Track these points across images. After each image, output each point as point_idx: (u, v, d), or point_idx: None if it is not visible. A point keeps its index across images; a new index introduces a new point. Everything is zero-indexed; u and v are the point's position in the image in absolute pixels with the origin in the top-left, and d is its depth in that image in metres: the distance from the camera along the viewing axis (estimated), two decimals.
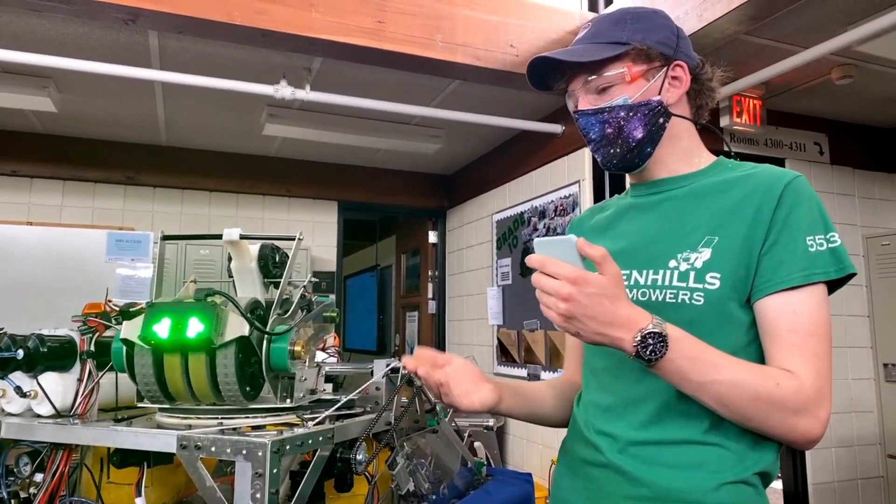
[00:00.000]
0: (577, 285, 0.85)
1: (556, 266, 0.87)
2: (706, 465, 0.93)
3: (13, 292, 3.14)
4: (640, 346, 0.85)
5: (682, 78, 1.05)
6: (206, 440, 1.09)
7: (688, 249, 0.99)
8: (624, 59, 1.02)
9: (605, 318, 0.85)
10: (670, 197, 1.07)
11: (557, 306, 0.86)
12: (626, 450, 0.99)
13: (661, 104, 1.04)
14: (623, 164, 1.08)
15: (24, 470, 1.26)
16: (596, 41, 1.04)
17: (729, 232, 0.97)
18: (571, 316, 0.86)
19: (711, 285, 0.95)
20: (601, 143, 1.07)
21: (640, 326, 0.86)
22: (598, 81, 1.04)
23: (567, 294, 0.85)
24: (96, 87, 3.34)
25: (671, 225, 1.04)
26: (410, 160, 4.80)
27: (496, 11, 2.94)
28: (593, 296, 0.85)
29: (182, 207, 4.53)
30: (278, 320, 1.28)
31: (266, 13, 2.50)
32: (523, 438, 3.87)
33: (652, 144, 1.05)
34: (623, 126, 1.04)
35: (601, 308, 0.85)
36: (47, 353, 1.26)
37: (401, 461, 1.36)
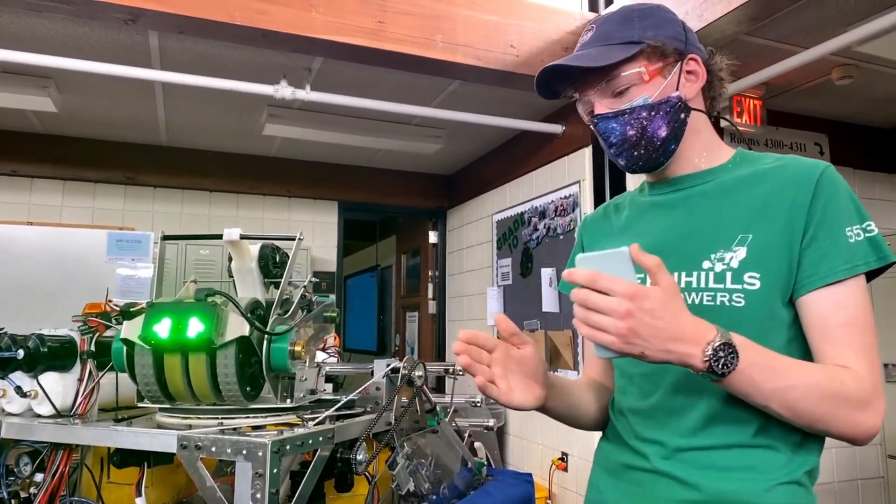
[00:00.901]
0: (636, 301, 0.78)
1: (610, 282, 0.79)
2: (757, 467, 0.92)
3: (13, 292, 3.14)
4: (713, 361, 0.79)
5: (697, 71, 1.03)
6: (206, 440, 1.09)
7: (721, 249, 0.95)
8: (639, 59, 0.99)
9: (669, 334, 0.79)
10: (695, 193, 1.04)
11: (616, 326, 0.78)
12: (674, 455, 0.97)
13: (681, 99, 1.01)
14: (649, 164, 1.04)
15: (25, 470, 1.26)
16: (608, 43, 1.01)
17: (764, 228, 0.94)
18: (634, 335, 0.78)
19: (751, 286, 0.92)
20: (624, 146, 1.03)
21: (709, 339, 0.80)
22: (615, 84, 1.00)
23: (626, 311, 0.77)
24: (97, 87, 3.34)
25: (700, 223, 1.01)
26: (411, 160, 4.80)
27: (496, 11, 2.94)
28: (655, 311, 0.79)
29: (182, 207, 4.53)
30: (278, 320, 1.28)
31: (266, 13, 2.50)
32: (523, 439, 3.87)
33: (676, 141, 1.02)
34: (646, 126, 1.00)
35: (664, 323, 0.79)
36: (48, 353, 1.26)
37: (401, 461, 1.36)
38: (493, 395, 0.94)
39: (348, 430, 1.28)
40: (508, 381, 0.95)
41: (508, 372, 0.95)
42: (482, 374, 0.93)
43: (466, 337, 0.94)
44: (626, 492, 1.03)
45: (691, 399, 0.96)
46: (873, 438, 0.89)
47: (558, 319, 3.52)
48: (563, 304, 3.49)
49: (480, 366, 0.93)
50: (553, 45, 3.03)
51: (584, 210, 3.35)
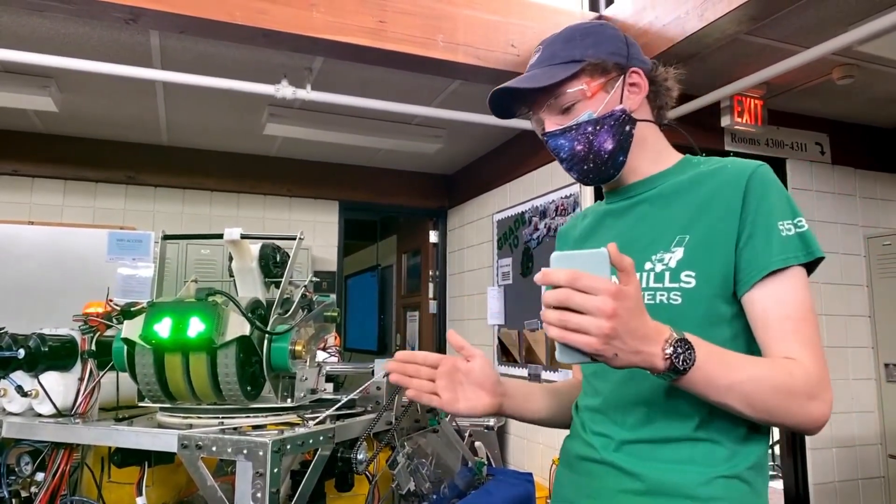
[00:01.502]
0: (619, 299, 0.76)
1: (593, 280, 0.76)
2: (698, 460, 0.94)
3: (14, 292, 3.14)
4: (674, 357, 0.80)
5: (639, 84, 1.07)
6: (206, 440, 1.09)
7: (661, 250, 1.00)
8: (581, 76, 1.04)
9: (641, 333, 0.79)
10: (641, 200, 1.09)
11: (600, 327, 0.75)
12: (620, 448, 1.01)
13: (625, 112, 1.05)
14: (599, 176, 1.09)
15: (26, 469, 1.26)
16: (551, 63, 1.06)
17: (700, 228, 0.98)
18: (615, 336, 0.77)
19: (687, 284, 0.96)
20: (573, 160, 1.08)
21: (665, 336, 0.81)
22: (560, 101, 1.05)
23: (612, 310, 0.75)
24: (98, 86, 3.34)
25: (644, 228, 1.06)
26: (411, 160, 4.80)
27: (497, 11, 2.94)
28: (633, 311, 0.78)
29: (183, 207, 4.53)
30: (279, 320, 1.28)
31: (267, 13, 2.50)
32: (524, 438, 3.87)
33: (623, 153, 1.07)
34: (592, 140, 1.05)
35: (637, 323, 0.79)
36: (48, 352, 1.26)
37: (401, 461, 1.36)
38: (435, 405, 1.02)
39: (349, 429, 1.28)
40: (455, 392, 1.03)
41: (455, 383, 1.03)
42: (414, 387, 1.02)
43: (401, 357, 1.05)
44: (578, 482, 1.08)
45: (636, 394, 1.00)
46: (822, 427, 0.91)
47: None
48: None
49: (412, 379, 1.03)
50: None
51: (584, 209, 3.34)
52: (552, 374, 3.54)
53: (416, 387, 1.02)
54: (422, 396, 1.02)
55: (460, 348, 1.05)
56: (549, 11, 3.06)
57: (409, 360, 1.04)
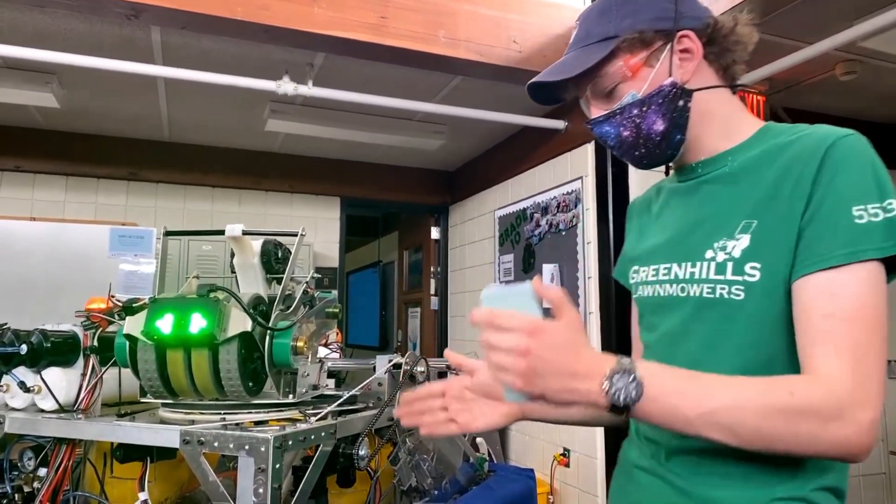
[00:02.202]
0: (535, 336, 0.72)
1: (508, 319, 0.73)
2: (755, 477, 0.83)
3: (16, 288, 3.15)
4: (611, 391, 0.72)
5: (691, 48, 0.92)
6: (208, 435, 1.09)
7: (724, 237, 0.88)
8: (618, 55, 0.92)
9: (568, 370, 0.73)
10: (710, 180, 0.95)
11: (516, 365, 0.72)
12: (670, 458, 0.93)
13: (676, 85, 0.91)
14: (656, 160, 0.97)
15: (28, 464, 1.26)
16: (586, 43, 0.95)
17: (770, 212, 0.84)
18: (533, 374, 0.72)
19: (751, 277, 0.83)
20: (623, 147, 0.97)
21: (604, 371, 0.73)
22: (600, 85, 0.94)
23: (525, 348, 0.71)
24: (99, 82, 3.34)
25: (709, 210, 0.93)
26: (413, 156, 4.79)
27: (499, 7, 2.93)
28: (555, 347, 0.72)
29: (185, 203, 4.53)
30: (281, 316, 1.28)
31: (268, 8, 2.50)
32: (525, 434, 3.88)
33: (680, 131, 0.93)
34: (640, 124, 0.93)
35: (563, 359, 0.73)
36: (51, 348, 1.27)
37: (403, 456, 1.36)
38: (454, 433, 0.98)
39: (350, 425, 1.28)
40: (471, 411, 0.98)
41: (470, 403, 0.98)
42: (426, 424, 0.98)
43: (407, 399, 1.01)
44: (628, 491, 1.02)
45: None
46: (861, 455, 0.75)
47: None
48: None
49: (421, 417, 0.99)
50: (556, 41, 3.02)
51: (586, 206, 3.34)
52: None
53: (428, 423, 0.98)
54: (438, 429, 0.98)
55: (459, 366, 1.01)
56: (551, 7, 3.05)
57: (414, 400, 1.01)
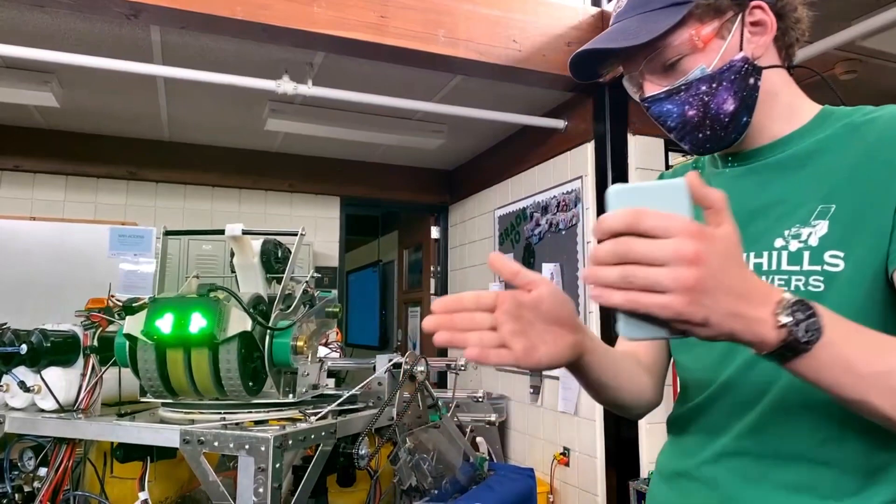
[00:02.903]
0: (704, 241, 0.55)
1: (665, 219, 0.55)
2: (818, 488, 0.76)
3: (16, 288, 3.15)
4: (791, 325, 0.57)
5: (765, 21, 0.83)
6: (208, 435, 1.09)
7: (797, 224, 0.79)
8: (688, 22, 0.81)
9: (739, 289, 0.57)
10: (770, 164, 0.86)
11: (680, 278, 0.54)
12: (719, 460, 0.84)
13: (748, 61, 0.82)
14: (719, 144, 0.87)
15: (28, 464, 1.26)
16: (647, 9, 0.83)
17: (850, 197, 0.76)
18: (703, 290, 0.54)
19: (833, 266, 0.75)
20: (685, 128, 0.86)
21: (777, 298, 0.59)
22: (663, 57, 0.83)
23: (694, 254, 0.54)
24: (99, 82, 3.34)
25: (774, 196, 0.84)
26: (413, 155, 4.79)
27: (498, 6, 2.93)
28: (727, 258, 0.56)
29: (184, 203, 4.53)
30: (281, 315, 1.28)
31: (268, 8, 2.50)
32: (525, 433, 3.88)
33: (748, 112, 0.84)
34: (709, 102, 0.83)
35: (736, 275, 0.57)
36: (51, 348, 1.27)
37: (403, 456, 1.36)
38: (509, 362, 0.69)
39: (350, 425, 1.28)
40: (528, 337, 0.70)
41: (526, 325, 0.70)
42: (475, 344, 0.68)
43: (445, 306, 0.71)
44: (670, 501, 0.92)
45: (749, 391, 0.81)
46: None
47: None
48: None
49: (468, 334, 0.69)
50: (556, 40, 3.02)
51: (586, 205, 3.34)
52: (558, 371, 3.54)
53: (477, 343, 0.68)
54: (489, 355, 0.68)
55: (514, 274, 0.71)
56: (551, 6, 3.05)
57: (456, 308, 0.70)
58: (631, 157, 3.20)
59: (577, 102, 3.45)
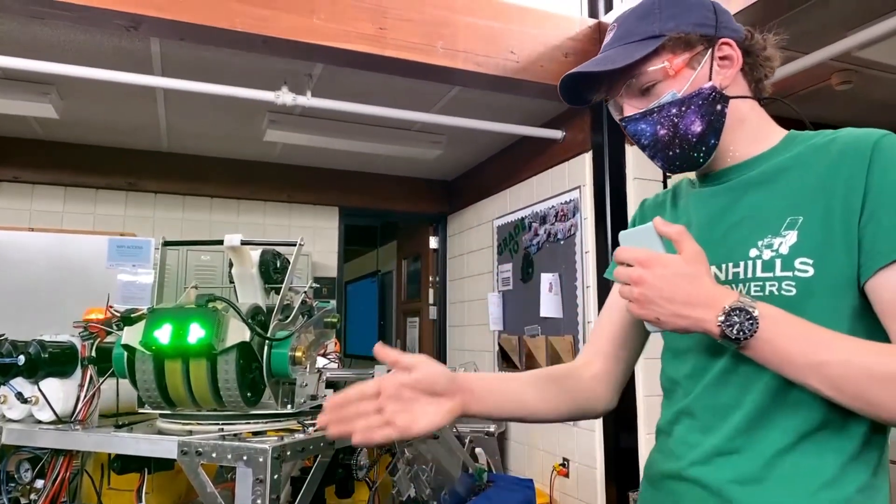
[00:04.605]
0: (648, 267, 0.82)
1: (628, 252, 0.84)
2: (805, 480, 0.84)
3: (14, 298, 3.14)
4: (725, 325, 0.77)
5: (731, 56, 0.95)
6: (206, 446, 1.09)
7: (769, 234, 0.89)
8: (662, 53, 0.93)
9: (682, 298, 0.80)
10: (741, 183, 0.96)
11: (632, 293, 0.83)
12: (710, 461, 0.90)
13: (715, 89, 0.94)
14: (688, 163, 0.97)
15: (25, 476, 1.26)
16: (627, 41, 0.95)
17: (816, 209, 0.86)
18: (645, 300, 0.82)
19: (803, 272, 0.84)
20: (657, 147, 0.97)
21: (724, 303, 0.78)
22: (640, 82, 0.94)
23: (637, 277, 0.82)
24: (98, 93, 3.35)
25: (746, 211, 0.94)
26: (411, 166, 4.80)
27: (497, 18, 2.95)
28: (667, 276, 0.81)
29: (183, 213, 4.53)
30: (279, 326, 1.28)
31: (267, 20, 2.51)
32: (525, 444, 3.86)
33: (715, 135, 0.95)
34: (678, 123, 0.94)
35: (677, 288, 0.80)
36: (48, 358, 1.26)
37: (402, 467, 1.35)
38: (394, 437, 0.84)
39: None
40: (411, 411, 0.86)
41: (408, 402, 0.86)
42: (360, 430, 0.84)
43: (333, 404, 0.86)
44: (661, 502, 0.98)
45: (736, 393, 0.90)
46: None
47: (559, 325, 3.52)
48: (564, 309, 3.49)
49: (352, 423, 0.84)
50: (553, 51, 3.04)
51: (584, 215, 3.35)
52: None
53: (361, 429, 0.84)
54: (374, 436, 0.84)
55: (394, 363, 0.88)
56: (549, 18, 3.07)
57: (342, 404, 0.86)
58: (628, 167, 3.21)
59: (575, 113, 3.46)
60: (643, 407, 2.98)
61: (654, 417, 1.06)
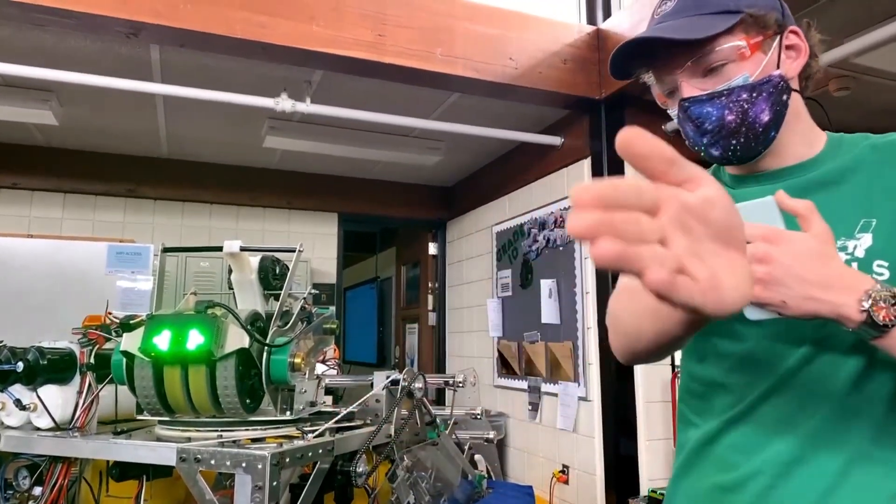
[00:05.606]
0: (775, 244, 0.70)
1: (750, 227, 0.69)
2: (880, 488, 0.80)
3: (13, 305, 3.14)
4: (872, 309, 0.69)
5: (799, 46, 0.90)
6: (205, 453, 1.09)
7: (842, 237, 0.84)
8: (737, 31, 0.85)
9: (817, 279, 0.70)
10: (800, 184, 0.89)
11: (755, 272, 0.70)
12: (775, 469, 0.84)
13: (783, 79, 0.88)
14: (747, 154, 0.90)
15: (23, 483, 1.25)
16: (701, 12, 0.86)
17: (888, 210, 0.82)
18: (773, 280, 0.70)
19: (880, 275, 0.80)
20: (721, 133, 0.88)
21: (866, 287, 0.70)
22: (709, 60, 0.86)
23: (763, 254, 0.70)
24: (98, 100, 3.36)
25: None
26: (410, 172, 4.81)
27: (496, 24, 2.96)
28: (800, 254, 0.70)
29: (182, 220, 4.53)
30: (278, 332, 1.28)
31: (267, 27, 2.52)
32: (524, 451, 3.85)
33: (776, 128, 0.89)
34: (748, 110, 0.86)
35: (811, 267, 0.70)
36: (47, 365, 1.26)
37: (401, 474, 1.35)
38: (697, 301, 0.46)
39: (348, 442, 1.27)
40: (708, 263, 0.47)
41: (700, 245, 0.47)
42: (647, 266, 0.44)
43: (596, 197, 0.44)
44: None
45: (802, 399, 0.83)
46: None
47: (558, 331, 3.51)
48: (563, 315, 3.49)
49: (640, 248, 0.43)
50: (552, 58, 3.05)
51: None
52: (552, 387, 3.53)
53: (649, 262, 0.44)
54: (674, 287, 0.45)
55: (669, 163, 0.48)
56: (548, 24, 3.08)
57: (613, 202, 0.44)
58: (627, 173, 3.21)
59: (574, 119, 3.47)
60: (643, 414, 2.98)
61: (655, 424, 1.04)
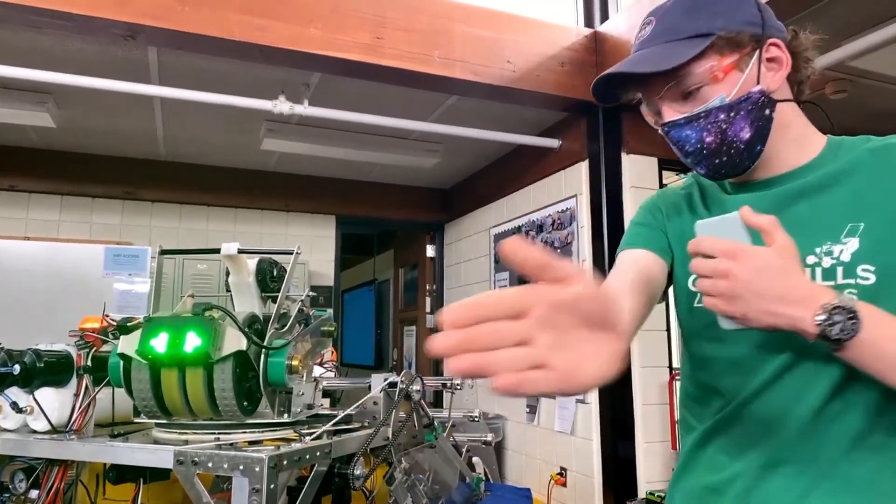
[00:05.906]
0: (736, 259, 0.73)
1: (712, 243, 0.75)
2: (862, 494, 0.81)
3: (10, 307, 3.13)
4: (826, 324, 0.70)
5: (780, 58, 0.89)
6: (203, 455, 1.09)
7: (828, 241, 0.85)
8: (709, 53, 0.86)
9: (775, 293, 0.72)
10: (791, 189, 0.91)
11: (716, 287, 0.74)
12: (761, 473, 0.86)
13: (764, 93, 0.88)
14: (734, 170, 0.92)
15: (20, 486, 1.25)
16: (672, 38, 0.88)
17: (878, 215, 0.83)
18: (733, 295, 0.73)
19: (865, 280, 0.81)
20: (702, 154, 0.90)
21: (823, 301, 0.71)
22: (684, 85, 0.87)
23: (724, 270, 0.73)
24: (95, 102, 3.35)
25: (800, 218, 0.88)
26: (408, 174, 4.81)
27: (494, 27, 2.96)
28: (759, 269, 0.72)
29: (180, 222, 4.53)
30: (276, 335, 1.28)
31: (265, 29, 2.52)
32: (522, 454, 3.85)
33: (762, 141, 0.89)
34: (726, 129, 0.88)
35: (769, 283, 0.72)
36: (44, 368, 1.26)
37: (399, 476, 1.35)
38: (550, 389, 0.49)
39: (346, 445, 1.27)
40: (574, 351, 0.50)
41: (564, 334, 0.50)
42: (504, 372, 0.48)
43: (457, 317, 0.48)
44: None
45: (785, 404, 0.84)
46: None
47: None
48: None
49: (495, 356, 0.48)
50: (550, 61, 3.05)
51: (580, 223, 3.35)
52: None
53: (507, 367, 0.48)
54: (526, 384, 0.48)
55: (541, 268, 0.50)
56: (546, 27, 3.08)
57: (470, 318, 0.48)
58: (625, 175, 3.22)
59: (572, 122, 3.48)
60: (641, 417, 2.98)
61: (652, 427, 1.05)
